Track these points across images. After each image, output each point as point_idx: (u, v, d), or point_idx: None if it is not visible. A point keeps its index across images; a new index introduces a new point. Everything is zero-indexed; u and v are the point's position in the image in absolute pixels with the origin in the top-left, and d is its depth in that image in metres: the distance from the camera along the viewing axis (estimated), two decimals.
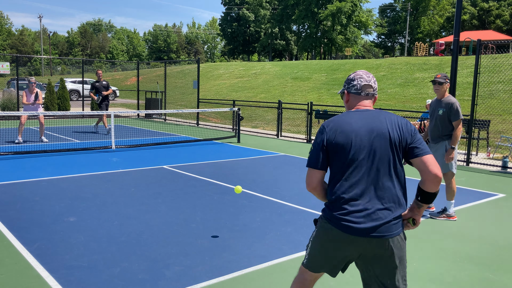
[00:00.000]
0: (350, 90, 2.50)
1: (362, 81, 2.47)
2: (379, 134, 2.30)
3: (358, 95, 2.48)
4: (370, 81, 2.49)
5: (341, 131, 2.33)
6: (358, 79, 2.48)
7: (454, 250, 4.45)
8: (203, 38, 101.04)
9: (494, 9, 57.90)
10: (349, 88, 2.51)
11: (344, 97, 2.57)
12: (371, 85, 2.49)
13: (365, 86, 2.48)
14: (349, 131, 2.32)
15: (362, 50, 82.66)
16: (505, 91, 17.04)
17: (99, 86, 13.67)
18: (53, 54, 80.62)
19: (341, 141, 2.31)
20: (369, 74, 2.52)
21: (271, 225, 5.07)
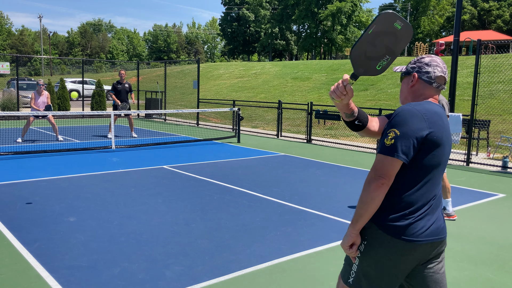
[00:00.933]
0: (422, 76, 2.15)
1: (438, 71, 2.14)
2: (450, 138, 2.12)
3: (429, 84, 2.14)
4: (445, 73, 2.16)
5: (438, 123, 2.01)
6: (434, 67, 2.14)
7: (454, 250, 4.45)
8: (203, 38, 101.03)
9: (494, 9, 57.90)
10: (421, 73, 2.15)
11: (408, 79, 2.20)
12: (445, 77, 2.17)
13: (440, 77, 2.15)
14: (442, 126, 2.03)
15: None
16: (505, 91, 17.05)
17: (121, 89, 12.63)
18: (53, 54, 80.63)
19: (440, 138, 2.00)
20: (445, 64, 2.19)
21: (271, 225, 5.07)
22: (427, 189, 2.03)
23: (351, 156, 10.29)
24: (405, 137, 1.94)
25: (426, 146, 1.97)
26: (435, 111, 2.03)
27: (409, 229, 1.98)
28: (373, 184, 1.95)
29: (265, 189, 6.79)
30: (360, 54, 2.08)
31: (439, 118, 2.02)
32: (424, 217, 2.01)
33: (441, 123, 2.02)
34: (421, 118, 1.97)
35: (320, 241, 4.60)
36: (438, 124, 2.01)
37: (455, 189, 7.24)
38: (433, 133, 1.97)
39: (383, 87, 22.72)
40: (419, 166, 1.99)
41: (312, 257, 4.18)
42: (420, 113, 1.99)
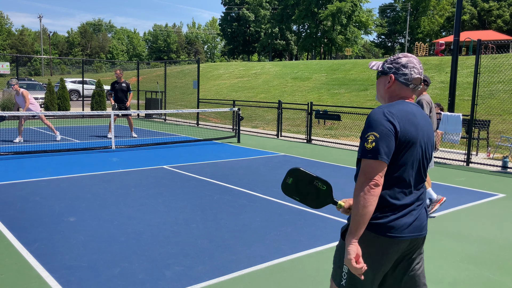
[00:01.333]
0: (399, 77, 2.18)
1: (414, 72, 2.17)
2: (430, 135, 2.18)
3: (406, 86, 2.18)
4: (421, 74, 2.20)
5: (410, 121, 2.07)
6: (411, 68, 2.17)
7: (454, 250, 4.45)
8: (203, 38, 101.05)
9: (494, 9, 57.91)
10: (398, 75, 2.18)
11: (385, 79, 2.23)
12: (421, 78, 2.21)
13: (416, 79, 2.19)
14: (416, 124, 2.09)
15: (362, 50, 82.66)
16: (505, 91, 17.04)
17: (118, 88, 12.34)
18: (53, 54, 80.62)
19: (413, 136, 2.07)
20: (421, 64, 2.22)
21: (271, 225, 5.07)
22: (406, 185, 2.08)
23: (351, 156, 10.29)
24: (384, 138, 2.01)
25: (400, 145, 2.04)
26: (408, 110, 2.10)
27: (391, 225, 2.04)
28: (366, 188, 1.98)
29: (265, 189, 6.79)
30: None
31: (412, 116, 2.09)
32: (406, 214, 2.07)
33: (414, 121, 2.08)
34: (393, 118, 2.04)
35: (320, 241, 4.60)
36: (411, 122, 2.07)
37: (455, 189, 7.24)
38: (405, 132, 2.04)
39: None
40: (396, 164, 2.05)
41: (312, 257, 4.18)
42: (391, 114, 2.06)
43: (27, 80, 29.61)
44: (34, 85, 26.43)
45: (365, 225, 2.00)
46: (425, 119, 2.18)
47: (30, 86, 25.53)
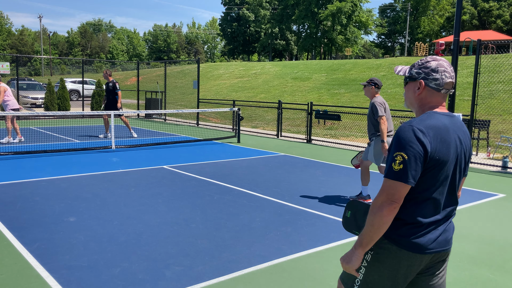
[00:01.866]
0: (429, 83, 2.03)
1: (446, 77, 2.01)
2: (467, 149, 2.05)
3: (437, 91, 2.03)
4: (453, 78, 2.04)
5: (442, 139, 1.94)
6: (442, 73, 2.01)
7: (454, 250, 4.45)
8: (203, 38, 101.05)
9: (494, 9, 57.91)
10: (428, 80, 2.03)
11: (414, 85, 2.08)
12: (453, 82, 2.04)
13: (448, 83, 2.02)
14: (449, 141, 1.96)
15: (362, 50, 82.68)
16: (505, 91, 17.05)
17: (105, 89, 12.27)
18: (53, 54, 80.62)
19: (445, 154, 1.95)
20: (452, 66, 2.06)
21: (271, 225, 5.07)
22: (435, 202, 2.00)
23: (351, 156, 10.29)
24: (412, 161, 1.90)
25: (430, 165, 1.94)
26: (439, 127, 1.96)
27: (416, 240, 1.98)
28: (386, 209, 1.92)
29: (265, 189, 6.79)
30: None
31: (444, 133, 1.96)
32: (432, 230, 2.01)
33: (446, 137, 1.96)
34: (424, 137, 1.92)
35: (320, 241, 4.60)
36: (444, 140, 1.95)
37: None
38: (437, 152, 1.93)
39: (383, 87, 22.70)
40: (426, 183, 1.96)
41: (312, 257, 4.18)
42: (422, 132, 1.93)
43: (27, 80, 29.60)
44: (34, 85, 26.43)
45: (376, 241, 1.99)
46: (460, 130, 2.03)
47: (30, 86, 25.54)
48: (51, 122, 16.63)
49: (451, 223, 2.11)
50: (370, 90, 6.04)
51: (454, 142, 1.99)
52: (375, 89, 6.02)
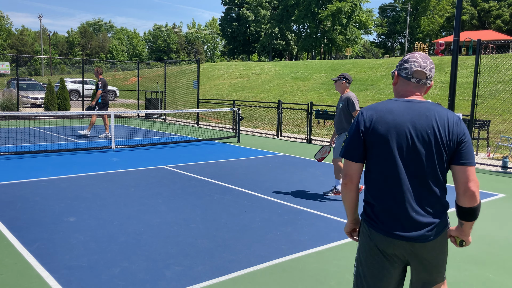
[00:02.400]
0: (401, 72, 2.22)
1: (415, 65, 2.17)
2: (422, 132, 2.07)
3: (407, 80, 2.19)
4: (425, 68, 2.17)
5: (381, 121, 2.10)
6: (412, 62, 2.18)
7: (454, 250, 4.45)
8: (203, 38, 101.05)
9: (494, 9, 57.91)
10: (400, 70, 2.23)
11: (393, 78, 2.28)
12: (424, 72, 2.16)
13: (417, 72, 2.17)
14: (390, 122, 2.09)
15: (362, 50, 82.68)
16: (505, 91, 17.04)
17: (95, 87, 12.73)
18: (53, 54, 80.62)
19: (381, 133, 2.09)
20: (427, 59, 2.19)
21: (271, 225, 5.07)
22: (384, 182, 2.13)
23: None
24: (350, 139, 2.19)
25: (368, 143, 2.13)
26: (381, 109, 2.13)
27: (369, 215, 2.19)
28: (342, 185, 2.25)
29: (265, 189, 6.79)
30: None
31: (387, 114, 2.11)
32: (382, 210, 2.14)
33: (386, 118, 2.10)
34: (363, 117, 2.15)
35: (320, 241, 4.60)
36: (382, 120, 2.10)
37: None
38: (371, 130, 2.11)
39: (383, 87, 22.72)
40: (371, 161, 2.16)
41: (312, 257, 4.18)
42: (364, 113, 2.17)
43: (27, 80, 29.61)
44: (34, 85, 26.43)
45: (348, 213, 2.32)
46: (417, 114, 2.10)
47: (30, 86, 25.54)
48: (51, 122, 16.63)
49: (409, 211, 2.09)
50: (341, 85, 6.30)
51: (398, 126, 2.09)
52: (346, 84, 6.29)
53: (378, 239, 2.15)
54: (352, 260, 4.11)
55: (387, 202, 2.12)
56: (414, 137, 2.07)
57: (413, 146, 2.07)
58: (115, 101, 30.54)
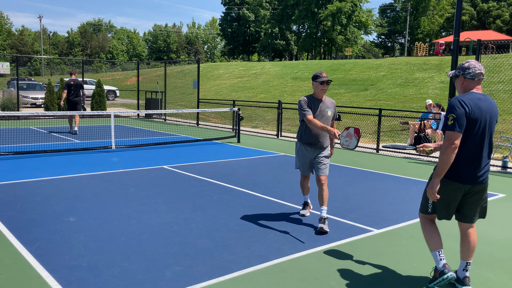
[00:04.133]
0: (466, 76, 3.41)
1: (476, 70, 3.38)
2: (494, 115, 3.37)
3: (472, 80, 3.39)
4: (482, 69, 3.39)
5: (477, 107, 3.28)
6: (472, 68, 3.38)
7: (454, 250, 4.45)
8: (203, 38, 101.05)
9: (493, 9, 57.91)
10: (465, 74, 3.41)
11: (458, 80, 3.46)
12: (482, 72, 3.39)
13: (478, 73, 3.38)
14: (481, 108, 3.29)
15: (362, 50, 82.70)
16: (505, 91, 17.05)
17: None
18: (53, 54, 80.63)
19: (478, 116, 3.26)
20: (479, 64, 3.34)
21: (271, 225, 5.08)
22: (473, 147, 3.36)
23: (351, 156, 10.29)
24: (459, 117, 3.22)
25: (469, 121, 3.24)
26: (476, 97, 3.32)
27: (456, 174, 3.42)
28: (448, 149, 3.22)
29: (265, 189, 6.79)
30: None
31: (479, 101, 3.29)
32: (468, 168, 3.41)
33: (481, 105, 3.29)
34: (465, 104, 3.25)
35: (320, 241, 4.60)
36: (478, 106, 3.28)
37: None
38: (472, 113, 3.24)
39: (383, 87, 22.72)
40: (467, 134, 3.29)
41: (312, 257, 4.18)
42: (463, 101, 3.27)
43: (27, 80, 29.60)
44: (34, 85, 26.43)
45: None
46: (489, 102, 3.35)
47: (30, 86, 25.54)
48: (51, 122, 16.64)
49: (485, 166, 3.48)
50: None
51: (485, 110, 3.37)
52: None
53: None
54: (352, 260, 4.12)
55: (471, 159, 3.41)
56: (490, 117, 3.34)
57: (490, 123, 3.36)
58: (115, 101, 30.54)
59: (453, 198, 3.43)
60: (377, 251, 4.38)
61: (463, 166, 3.34)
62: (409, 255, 4.32)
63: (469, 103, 3.24)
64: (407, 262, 4.14)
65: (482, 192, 3.46)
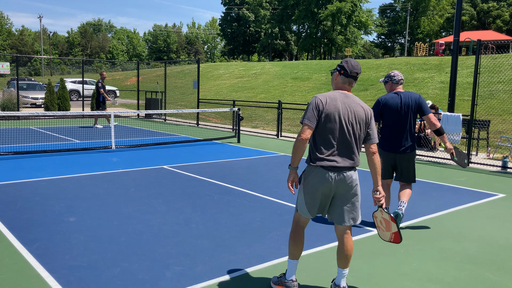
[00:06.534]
0: (393, 81, 5.05)
1: (398, 77, 5.03)
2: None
3: (396, 84, 5.07)
4: (400, 76, 4.98)
5: (390, 102, 4.97)
6: (397, 75, 5.04)
7: (454, 250, 4.45)
8: (203, 38, 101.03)
9: (493, 9, 57.91)
10: (392, 79, 5.05)
11: (387, 86, 5.10)
12: (402, 78, 4.97)
13: (401, 80, 5.06)
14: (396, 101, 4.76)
15: (362, 50, 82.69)
16: (505, 91, 17.05)
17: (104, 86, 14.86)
18: (53, 54, 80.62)
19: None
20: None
21: (271, 225, 5.08)
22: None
23: None
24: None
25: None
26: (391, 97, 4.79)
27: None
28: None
29: (265, 189, 6.79)
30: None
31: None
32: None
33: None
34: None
35: (320, 241, 4.60)
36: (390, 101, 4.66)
37: (455, 189, 7.24)
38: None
39: (383, 87, 22.71)
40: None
41: (312, 257, 4.18)
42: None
43: (27, 80, 29.60)
44: (34, 85, 26.42)
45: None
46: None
47: (30, 86, 25.53)
48: (51, 122, 16.64)
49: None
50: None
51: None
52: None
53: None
54: (351, 260, 4.11)
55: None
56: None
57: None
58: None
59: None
60: (377, 251, 4.38)
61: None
62: (410, 255, 4.32)
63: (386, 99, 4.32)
64: (407, 262, 4.14)
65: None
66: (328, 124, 3.17)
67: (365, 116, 3.27)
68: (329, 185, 3.19)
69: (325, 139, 3.20)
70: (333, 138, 3.19)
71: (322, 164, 3.18)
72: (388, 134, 5.05)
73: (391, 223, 3.43)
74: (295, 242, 3.32)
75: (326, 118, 3.17)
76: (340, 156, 3.20)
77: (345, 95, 3.28)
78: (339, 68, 3.33)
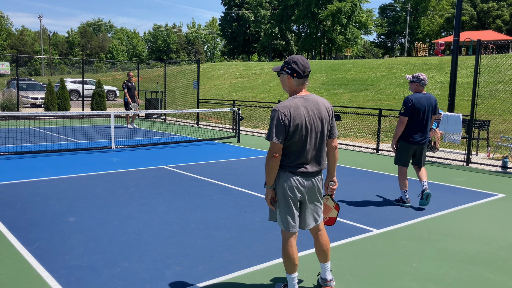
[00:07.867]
0: (421, 83, 5.85)
1: (426, 81, 5.75)
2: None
3: (423, 86, 5.79)
4: (427, 80, 4.88)
5: (420, 101, 5.69)
6: (425, 79, 5.77)
7: (454, 250, 4.45)
8: (203, 38, 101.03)
9: (493, 10, 57.92)
10: (420, 82, 5.86)
11: (413, 85, 5.81)
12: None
13: (426, 83, 5.53)
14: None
15: (362, 50, 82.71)
16: (505, 91, 17.05)
17: (131, 87, 15.32)
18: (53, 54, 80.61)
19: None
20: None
21: (271, 225, 5.08)
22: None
23: (351, 156, 10.29)
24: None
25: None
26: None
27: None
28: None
29: (265, 189, 6.78)
30: None
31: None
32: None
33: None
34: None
35: None
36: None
37: (455, 189, 7.24)
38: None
39: (383, 87, 22.71)
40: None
41: (312, 257, 4.18)
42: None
43: (27, 80, 29.60)
44: (34, 85, 26.42)
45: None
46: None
47: (30, 86, 25.53)
48: (51, 122, 16.64)
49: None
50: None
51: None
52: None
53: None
54: (351, 261, 4.12)
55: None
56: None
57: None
58: (115, 101, 30.53)
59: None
60: (377, 251, 4.38)
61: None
62: (409, 255, 4.32)
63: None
64: (407, 262, 4.14)
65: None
66: (296, 135, 3.10)
67: (328, 113, 3.24)
68: (300, 191, 3.18)
69: (294, 149, 3.14)
70: (302, 147, 3.14)
71: (292, 171, 3.16)
72: (414, 129, 5.90)
73: (333, 209, 3.65)
74: (288, 259, 3.25)
75: (294, 130, 3.08)
76: (309, 163, 3.19)
77: (304, 98, 3.16)
78: (289, 71, 3.15)
